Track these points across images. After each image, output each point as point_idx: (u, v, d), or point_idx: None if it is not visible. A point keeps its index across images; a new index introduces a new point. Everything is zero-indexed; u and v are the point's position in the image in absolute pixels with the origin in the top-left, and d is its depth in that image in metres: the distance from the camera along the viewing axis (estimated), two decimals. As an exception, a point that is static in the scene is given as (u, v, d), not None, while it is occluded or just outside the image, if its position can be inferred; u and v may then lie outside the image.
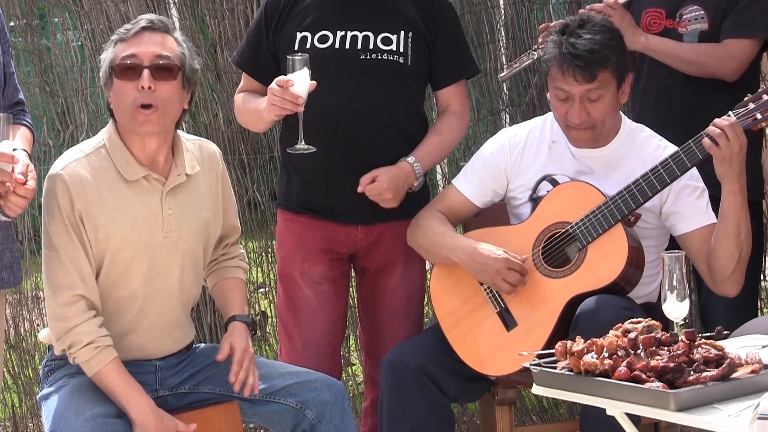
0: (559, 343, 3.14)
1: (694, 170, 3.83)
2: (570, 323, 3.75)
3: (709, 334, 3.21)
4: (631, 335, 3.04)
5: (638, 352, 3.02)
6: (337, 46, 4.05)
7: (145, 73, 3.51)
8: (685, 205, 3.87)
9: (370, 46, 4.04)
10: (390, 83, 4.05)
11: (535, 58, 4.35)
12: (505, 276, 3.85)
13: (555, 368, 3.12)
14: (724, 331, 3.31)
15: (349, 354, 5.54)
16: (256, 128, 4.28)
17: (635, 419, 3.20)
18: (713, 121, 3.68)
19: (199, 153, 3.73)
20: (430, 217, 4.05)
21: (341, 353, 4.56)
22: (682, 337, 3.03)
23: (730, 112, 3.68)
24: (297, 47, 4.04)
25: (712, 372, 2.94)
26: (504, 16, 5.56)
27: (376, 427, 4.09)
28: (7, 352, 5.33)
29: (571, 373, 3.06)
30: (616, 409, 3.07)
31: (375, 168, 4.02)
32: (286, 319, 4.22)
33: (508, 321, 3.90)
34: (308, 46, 4.03)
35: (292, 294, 4.19)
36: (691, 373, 2.94)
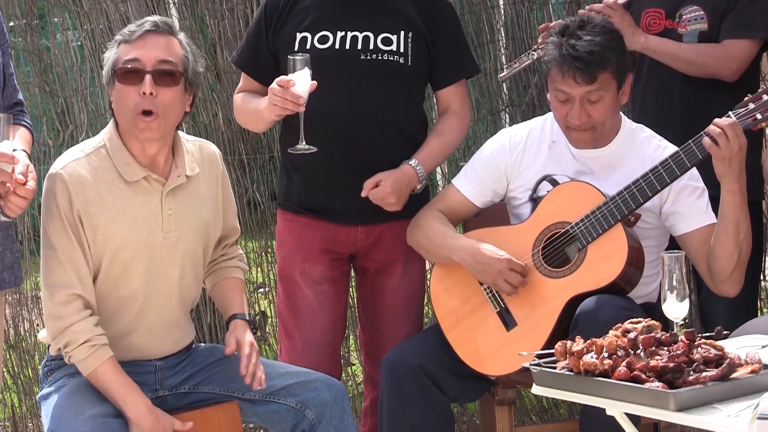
0: (559, 343, 3.14)
1: (694, 170, 3.83)
2: (570, 323, 3.75)
3: (708, 334, 3.21)
4: (631, 335, 3.04)
5: (638, 352, 3.01)
6: (337, 47, 4.04)
7: (147, 79, 3.50)
8: (685, 205, 3.87)
9: (370, 47, 4.04)
10: (390, 83, 4.05)
11: (535, 59, 4.35)
12: (507, 277, 3.85)
13: (555, 368, 3.12)
14: (724, 331, 3.31)
15: (349, 354, 5.54)
16: (255, 128, 4.28)
17: (635, 419, 3.20)
18: (713, 121, 3.68)
19: (200, 154, 3.73)
20: (431, 217, 4.05)
21: (341, 353, 4.56)
22: (682, 337, 3.03)
23: (730, 112, 3.69)
24: (297, 48, 4.04)
25: (712, 372, 2.93)
26: (504, 16, 5.56)
27: (376, 427, 4.09)
28: (6, 352, 5.33)
29: (571, 373, 3.06)
30: (616, 409, 3.07)
31: (375, 168, 4.02)
32: (286, 319, 4.22)
33: (508, 321, 3.90)
34: (308, 47, 4.03)
35: (292, 294, 4.18)
36: (691, 373, 2.94)
